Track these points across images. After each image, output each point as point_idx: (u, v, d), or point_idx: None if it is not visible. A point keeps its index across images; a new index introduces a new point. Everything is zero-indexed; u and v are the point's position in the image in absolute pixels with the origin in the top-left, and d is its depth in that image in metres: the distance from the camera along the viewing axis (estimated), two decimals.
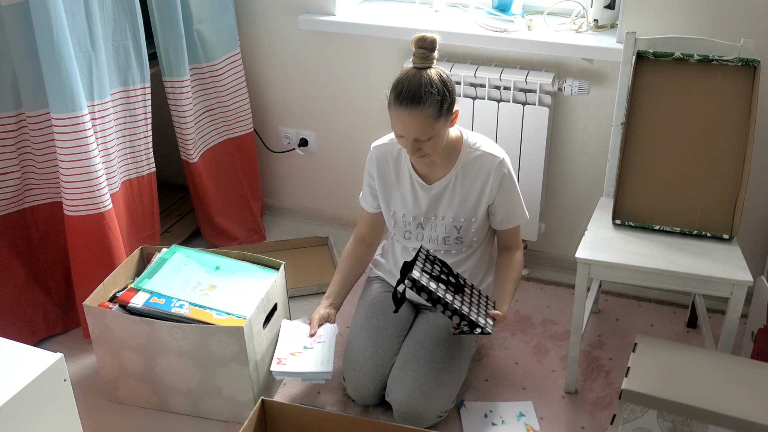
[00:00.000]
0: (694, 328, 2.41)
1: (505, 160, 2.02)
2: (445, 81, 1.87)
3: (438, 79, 1.86)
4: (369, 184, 2.18)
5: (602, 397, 2.15)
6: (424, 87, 1.83)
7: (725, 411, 1.60)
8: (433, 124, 1.86)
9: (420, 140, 1.89)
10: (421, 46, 1.87)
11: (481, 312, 1.94)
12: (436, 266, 1.97)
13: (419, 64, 1.88)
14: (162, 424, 2.09)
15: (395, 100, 1.87)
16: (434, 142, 1.90)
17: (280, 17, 2.70)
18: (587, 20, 2.42)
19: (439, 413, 2.00)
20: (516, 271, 2.10)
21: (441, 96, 1.85)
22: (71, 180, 2.15)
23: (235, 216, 2.87)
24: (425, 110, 1.84)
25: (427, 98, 1.83)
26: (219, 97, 2.70)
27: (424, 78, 1.85)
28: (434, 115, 1.85)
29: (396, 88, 1.87)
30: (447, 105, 1.87)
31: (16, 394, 1.58)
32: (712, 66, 2.04)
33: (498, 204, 2.05)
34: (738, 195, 2.01)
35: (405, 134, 1.90)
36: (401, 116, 1.86)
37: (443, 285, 1.92)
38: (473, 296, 1.99)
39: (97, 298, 2.06)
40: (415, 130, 1.87)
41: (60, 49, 2.01)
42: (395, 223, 2.15)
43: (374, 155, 2.12)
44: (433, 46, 1.88)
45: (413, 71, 1.87)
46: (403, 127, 1.88)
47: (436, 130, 1.88)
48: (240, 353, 1.95)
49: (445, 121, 1.89)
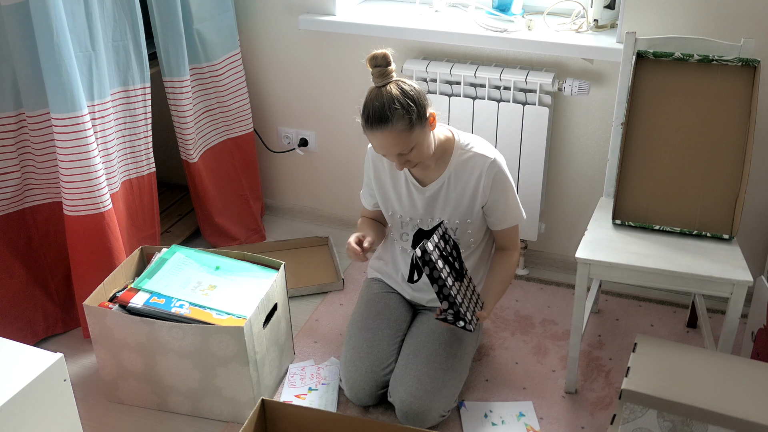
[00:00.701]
0: (694, 328, 2.41)
1: (496, 160, 2.02)
2: (407, 92, 1.87)
3: (399, 94, 1.85)
4: (367, 184, 2.19)
5: (602, 397, 2.15)
6: (387, 105, 1.84)
7: (725, 411, 1.60)
8: (408, 136, 1.87)
9: (403, 154, 1.91)
10: (376, 65, 1.88)
11: (470, 308, 1.95)
12: (448, 246, 1.97)
13: (379, 83, 1.89)
14: (162, 424, 2.09)
15: (365, 124, 1.89)
16: (418, 150, 1.92)
17: (280, 17, 2.71)
18: (587, 20, 2.42)
19: (442, 413, 2.00)
20: (507, 272, 2.10)
21: (405, 109, 1.85)
22: (71, 180, 2.15)
23: (235, 216, 2.87)
24: (395, 126, 1.85)
25: (393, 115, 1.84)
26: (219, 97, 2.70)
27: (385, 96, 1.85)
28: (406, 129, 1.86)
29: (363, 113, 1.89)
30: (415, 115, 1.87)
31: (16, 394, 1.58)
32: (712, 66, 2.04)
33: (492, 204, 2.05)
34: (738, 195, 2.01)
35: (385, 153, 1.93)
36: (375, 137, 1.89)
37: (448, 267, 1.92)
38: (468, 290, 2.00)
39: (97, 298, 2.06)
40: (392, 146, 1.89)
41: (60, 49, 2.01)
42: (392, 224, 2.16)
43: (370, 156, 2.14)
44: (387, 61, 1.88)
45: (375, 91, 1.88)
46: (380, 146, 1.91)
47: (414, 140, 1.89)
48: (240, 353, 1.95)
49: (421, 129, 1.90)
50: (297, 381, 2.22)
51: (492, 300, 2.05)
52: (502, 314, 2.50)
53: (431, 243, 1.88)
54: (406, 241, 2.14)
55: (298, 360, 2.31)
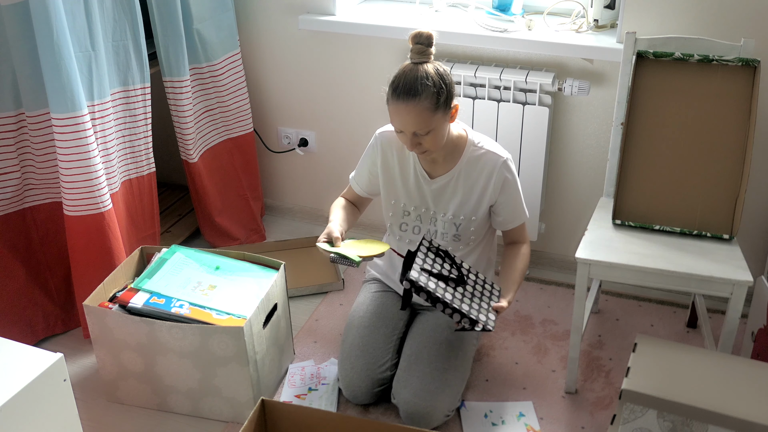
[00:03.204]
0: (694, 328, 2.41)
1: (508, 161, 2.02)
2: (442, 74, 1.88)
3: (434, 73, 1.86)
4: (370, 170, 2.15)
5: (602, 397, 2.15)
6: (420, 80, 1.84)
7: (725, 411, 1.60)
8: (431, 116, 1.86)
9: (419, 134, 1.89)
10: (418, 42, 1.88)
11: (483, 306, 1.92)
12: (438, 259, 1.96)
13: (416, 59, 1.89)
14: (162, 424, 2.09)
15: (392, 94, 1.88)
16: (433, 136, 1.90)
17: (280, 17, 2.71)
18: (587, 20, 2.42)
19: (446, 412, 2.01)
20: (522, 262, 2.09)
21: (437, 88, 1.85)
22: (71, 180, 2.15)
23: (235, 216, 2.87)
24: (422, 102, 1.84)
25: (423, 90, 1.84)
26: (219, 97, 2.70)
27: (420, 72, 1.85)
28: (431, 108, 1.85)
29: (393, 83, 1.88)
30: (444, 98, 1.87)
31: (16, 394, 1.58)
32: (712, 66, 2.04)
33: (500, 204, 2.05)
34: (738, 195, 2.01)
35: (403, 128, 1.90)
36: (398, 110, 1.87)
37: (443, 282, 1.91)
38: (476, 287, 1.97)
39: (97, 298, 2.06)
40: (412, 123, 1.87)
41: (60, 49, 2.01)
42: (393, 214, 2.14)
43: (379, 142, 2.11)
44: (430, 42, 1.88)
45: (410, 66, 1.88)
46: (400, 120, 1.89)
47: (434, 124, 1.88)
48: (240, 353, 1.95)
49: (443, 115, 1.89)
50: (297, 381, 2.22)
51: (513, 287, 2.01)
52: (502, 314, 2.49)
53: (415, 271, 1.85)
54: (405, 231, 2.14)
55: (298, 360, 2.31)
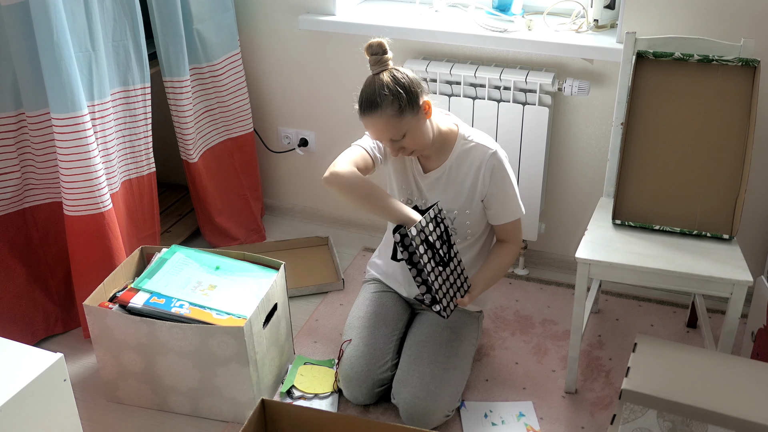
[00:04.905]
0: (694, 328, 2.41)
1: (497, 153, 2.03)
2: (398, 79, 1.91)
3: (390, 81, 1.90)
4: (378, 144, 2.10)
5: (602, 397, 2.15)
6: (377, 92, 1.90)
7: (725, 411, 1.60)
8: (398, 122, 1.91)
9: (395, 140, 1.94)
10: (373, 53, 1.93)
11: (449, 294, 1.95)
12: (438, 229, 1.96)
13: (375, 70, 1.94)
14: (162, 424, 2.09)
15: (359, 110, 1.95)
16: (411, 137, 1.94)
17: (280, 17, 2.71)
18: (587, 20, 2.42)
19: (446, 412, 2.01)
20: (500, 263, 2.10)
21: (394, 95, 1.89)
22: (71, 180, 2.15)
23: (235, 216, 2.87)
24: (384, 112, 1.89)
25: (382, 101, 1.89)
26: (219, 97, 2.70)
27: (377, 83, 1.91)
28: (395, 114, 1.90)
29: (359, 99, 1.95)
30: (405, 101, 1.90)
31: (16, 394, 1.58)
32: (712, 66, 2.04)
33: (491, 196, 2.05)
34: (738, 195, 2.01)
35: (378, 138, 1.98)
36: (367, 123, 1.95)
37: (431, 252, 1.92)
38: (454, 274, 1.99)
39: (97, 298, 2.06)
40: (383, 132, 1.93)
41: (60, 49, 2.01)
42: None
43: None
44: (383, 49, 1.93)
45: (370, 79, 1.94)
46: (372, 132, 1.97)
47: (406, 127, 1.92)
48: (240, 353, 1.95)
49: (413, 116, 1.92)
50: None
51: (478, 286, 2.04)
52: (502, 314, 2.50)
53: (415, 228, 1.88)
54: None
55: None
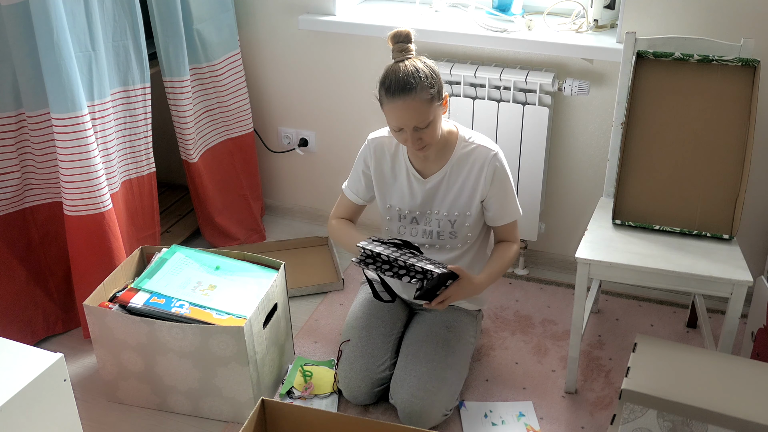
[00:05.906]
0: (694, 328, 2.41)
1: (498, 154, 2.03)
2: (430, 66, 1.91)
3: (423, 66, 1.89)
4: (364, 173, 2.16)
5: (602, 397, 2.15)
6: (411, 75, 1.87)
7: (725, 411, 1.60)
8: (429, 107, 1.89)
9: (419, 129, 1.90)
10: (399, 41, 1.92)
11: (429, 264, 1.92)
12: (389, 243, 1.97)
13: (399, 57, 1.92)
14: (162, 424, 2.09)
15: (386, 94, 1.89)
16: (432, 128, 1.92)
17: (280, 17, 2.71)
18: (587, 20, 2.42)
19: (444, 411, 2.01)
20: (504, 258, 2.09)
21: (429, 80, 1.88)
22: (71, 180, 2.15)
23: (235, 216, 2.87)
24: (418, 95, 1.86)
25: (417, 83, 1.86)
26: (219, 97, 2.70)
27: (409, 67, 1.88)
28: (428, 99, 1.88)
29: (384, 83, 1.90)
30: (437, 88, 1.90)
31: (16, 394, 1.58)
32: (712, 66, 2.04)
33: (491, 198, 2.05)
34: (738, 195, 2.01)
35: (403, 124, 1.90)
36: (396, 108, 1.88)
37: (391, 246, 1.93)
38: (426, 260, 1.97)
39: (97, 298, 2.06)
40: (412, 117, 1.88)
41: (60, 49, 2.01)
42: (390, 218, 2.15)
43: (372, 147, 2.12)
44: (409, 39, 1.92)
45: (395, 65, 1.91)
46: (399, 117, 1.89)
47: (433, 114, 1.90)
48: (240, 353, 1.95)
49: (438, 106, 1.92)
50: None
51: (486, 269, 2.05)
52: (502, 314, 2.50)
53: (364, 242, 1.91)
54: (403, 234, 2.14)
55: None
